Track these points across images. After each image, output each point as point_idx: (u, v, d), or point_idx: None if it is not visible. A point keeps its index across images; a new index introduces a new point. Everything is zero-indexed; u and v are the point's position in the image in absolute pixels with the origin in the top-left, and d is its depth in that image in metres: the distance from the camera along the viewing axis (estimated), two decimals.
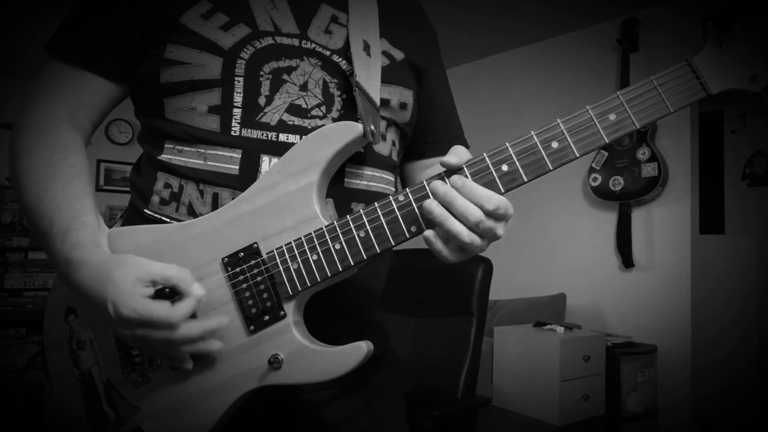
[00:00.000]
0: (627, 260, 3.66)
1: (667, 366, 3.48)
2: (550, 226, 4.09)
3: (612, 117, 0.72)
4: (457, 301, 2.00)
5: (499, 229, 0.72)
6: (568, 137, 0.72)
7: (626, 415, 3.29)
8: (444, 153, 1.03)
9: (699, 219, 3.61)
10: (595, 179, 3.73)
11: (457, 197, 0.70)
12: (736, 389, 3.68)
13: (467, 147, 1.05)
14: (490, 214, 0.70)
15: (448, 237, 0.71)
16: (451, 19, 3.93)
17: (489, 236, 0.72)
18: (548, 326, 3.41)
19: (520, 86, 4.44)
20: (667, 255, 3.56)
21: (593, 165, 3.74)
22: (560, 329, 3.33)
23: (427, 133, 1.01)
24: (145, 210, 0.84)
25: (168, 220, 0.82)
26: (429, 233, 0.72)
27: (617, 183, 3.62)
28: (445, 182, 0.72)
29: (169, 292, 0.73)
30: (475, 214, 0.69)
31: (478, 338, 1.95)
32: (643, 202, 3.64)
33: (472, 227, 0.70)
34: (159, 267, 0.72)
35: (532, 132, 0.72)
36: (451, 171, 0.74)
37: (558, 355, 3.10)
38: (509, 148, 0.73)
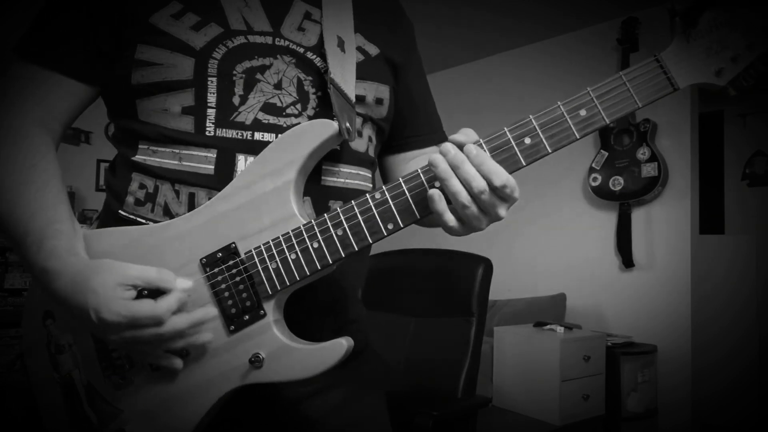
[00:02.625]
0: (627, 260, 3.66)
1: (667, 366, 3.47)
2: (550, 226, 4.09)
3: (582, 113, 0.73)
4: (457, 301, 1.98)
5: (502, 209, 0.71)
6: (540, 133, 0.72)
7: (626, 415, 3.28)
8: (422, 146, 1.03)
9: (699, 219, 3.60)
10: (595, 179, 3.73)
11: (465, 161, 0.70)
12: (736, 389, 3.66)
13: (445, 140, 1.05)
14: (495, 190, 0.70)
15: (448, 197, 0.71)
16: (450, 18, 3.93)
17: (491, 213, 0.71)
18: (548, 326, 3.41)
19: (520, 86, 4.43)
20: (667, 255, 3.55)
21: (593, 165, 3.73)
22: (560, 329, 3.33)
23: (405, 126, 1.01)
24: (119, 211, 0.83)
25: (143, 221, 0.81)
26: (434, 192, 0.71)
27: (617, 183, 3.62)
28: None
29: (151, 293, 0.73)
30: (480, 184, 0.69)
31: (478, 338, 1.93)
32: (643, 202, 3.63)
33: (475, 196, 0.70)
34: (138, 269, 0.72)
35: (505, 128, 0.73)
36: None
37: (558, 355, 3.09)
38: (483, 144, 0.73)
